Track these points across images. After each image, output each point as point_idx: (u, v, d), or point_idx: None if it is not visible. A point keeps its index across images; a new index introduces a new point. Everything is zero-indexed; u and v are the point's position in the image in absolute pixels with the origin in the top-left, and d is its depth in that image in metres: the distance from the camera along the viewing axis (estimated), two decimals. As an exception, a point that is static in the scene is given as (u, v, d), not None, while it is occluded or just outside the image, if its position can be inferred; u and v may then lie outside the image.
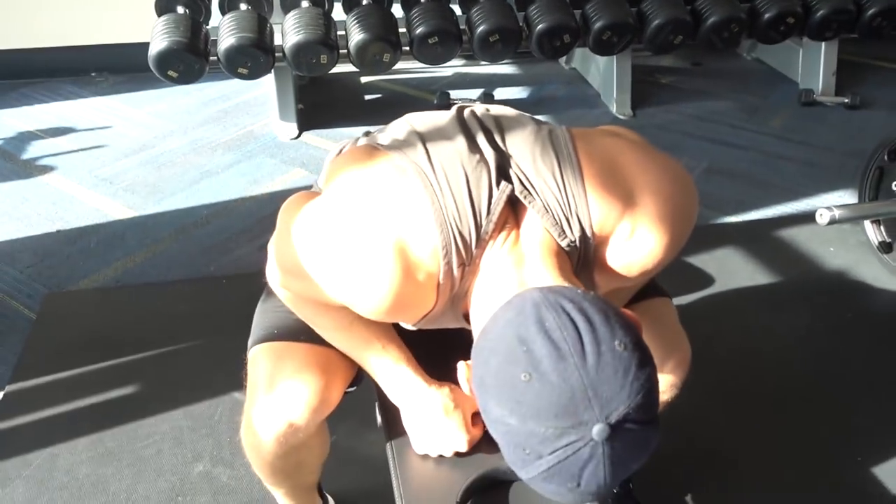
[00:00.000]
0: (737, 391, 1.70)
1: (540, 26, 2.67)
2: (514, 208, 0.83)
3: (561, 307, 0.70)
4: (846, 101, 3.02)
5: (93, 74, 3.29)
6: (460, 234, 0.80)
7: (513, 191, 0.82)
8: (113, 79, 3.27)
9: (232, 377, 1.66)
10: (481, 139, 0.86)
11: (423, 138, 0.87)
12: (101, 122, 2.93)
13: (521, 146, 0.86)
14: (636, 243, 0.84)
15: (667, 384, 1.05)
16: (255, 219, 2.34)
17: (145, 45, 2.59)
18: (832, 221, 1.93)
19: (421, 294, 0.82)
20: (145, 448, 1.56)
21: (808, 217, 2.30)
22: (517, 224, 0.83)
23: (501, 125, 0.89)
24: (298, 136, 2.82)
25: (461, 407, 0.98)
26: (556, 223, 0.81)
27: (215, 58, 2.59)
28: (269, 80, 2.91)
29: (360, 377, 1.09)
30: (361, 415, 1.18)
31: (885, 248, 2.10)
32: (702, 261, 2.13)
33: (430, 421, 0.97)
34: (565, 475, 0.67)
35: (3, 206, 2.39)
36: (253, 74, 2.62)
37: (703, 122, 2.94)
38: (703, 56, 3.47)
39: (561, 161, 0.84)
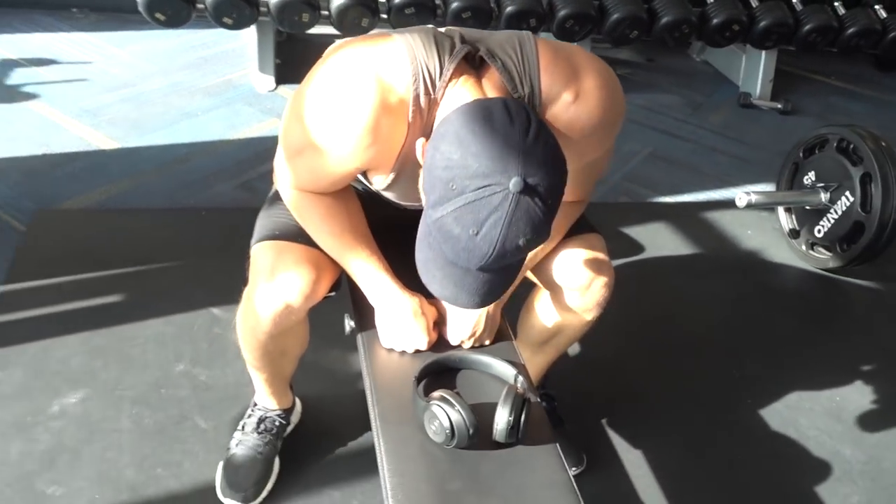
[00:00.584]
0: (653, 341, 1.97)
1: (509, 8, 2.88)
2: (477, 71, 1.03)
3: (520, 104, 0.94)
4: (780, 106, 3.33)
5: (73, 10, 3.37)
6: (427, 69, 1.00)
7: (476, 51, 1.03)
8: (94, 16, 3.35)
9: (210, 295, 1.88)
10: (456, 35, 1.06)
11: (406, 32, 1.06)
12: (82, 57, 3.03)
13: (490, 36, 1.08)
14: (579, 105, 1.05)
15: (594, 302, 1.28)
16: (232, 160, 2.50)
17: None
18: (749, 205, 2.22)
19: (394, 119, 1.01)
20: (132, 348, 1.74)
21: (733, 204, 2.59)
22: (478, 79, 1.03)
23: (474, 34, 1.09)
24: (275, 88, 2.98)
25: (426, 314, 1.20)
26: (511, 79, 1.02)
27: (202, 6, 2.73)
28: (248, 32, 3.06)
29: (338, 283, 1.30)
30: (330, 335, 1.39)
31: (793, 234, 2.40)
32: (635, 232, 2.40)
33: (400, 321, 1.19)
34: (472, 218, 0.87)
35: (-10, 126, 2.50)
36: (237, 25, 2.77)
37: (651, 113, 3.21)
38: (656, 53, 3.74)
39: (522, 44, 1.05)
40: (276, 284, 1.16)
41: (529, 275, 1.31)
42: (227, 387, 1.67)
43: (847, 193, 2.17)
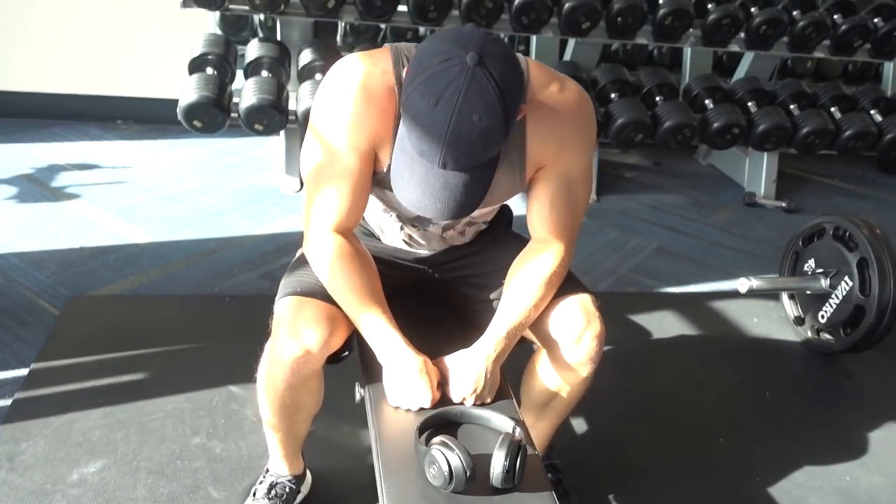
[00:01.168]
0: (661, 419, 2.00)
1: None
2: None
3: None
4: (784, 205, 3.45)
5: (118, 122, 3.65)
6: (407, 53, 1.22)
7: None
8: (136, 127, 3.63)
9: (229, 374, 1.97)
10: None
11: None
12: (123, 162, 3.27)
13: None
14: (564, 94, 1.26)
15: (587, 355, 1.34)
16: (257, 253, 2.64)
17: (167, 101, 2.97)
18: (750, 290, 2.30)
19: (381, 82, 1.21)
20: (151, 422, 1.81)
21: (738, 293, 2.66)
22: None
23: None
24: (300, 189, 3.17)
25: (430, 373, 1.28)
26: None
27: (236, 114, 2.96)
28: (276, 140, 3.31)
29: (351, 344, 1.38)
30: (341, 408, 1.47)
31: (798, 321, 2.45)
32: (642, 319, 2.46)
33: (405, 378, 1.26)
34: (432, 89, 1.04)
35: (34, 222, 2.69)
36: (267, 131, 2.99)
37: (657, 211, 3.34)
38: (663, 158, 3.92)
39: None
40: (296, 333, 1.25)
41: (528, 333, 1.38)
42: (241, 459, 1.72)
43: (846, 278, 2.23)
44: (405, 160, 1.13)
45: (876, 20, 3.46)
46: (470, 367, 1.28)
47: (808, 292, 2.34)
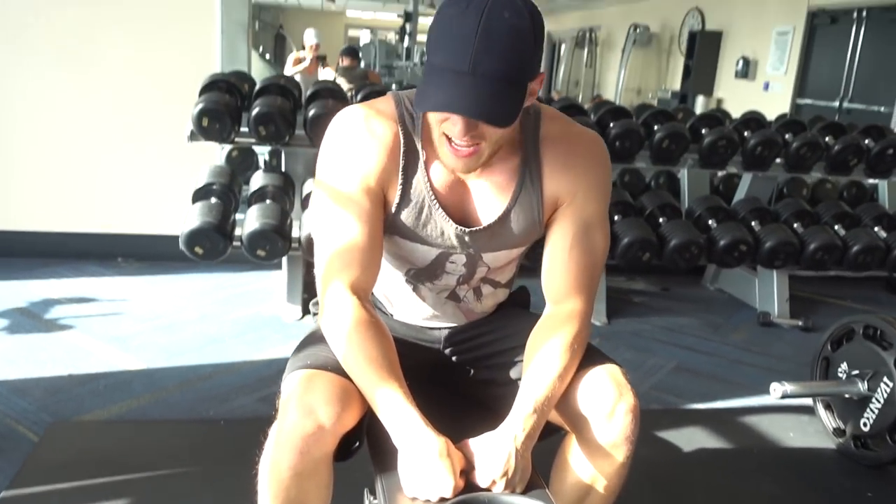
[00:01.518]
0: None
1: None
2: None
3: None
4: (800, 323, 3.34)
5: (119, 259, 3.62)
6: (408, 98, 1.24)
7: None
8: (137, 264, 3.59)
9: (223, 500, 1.77)
10: None
11: None
12: (121, 295, 3.19)
13: None
14: (578, 130, 1.29)
15: (622, 434, 1.19)
16: (255, 377, 2.50)
17: (168, 238, 2.95)
18: (784, 396, 2.14)
19: (381, 121, 1.22)
20: (132, 550, 1.60)
21: (769, 409, 2.50)
22: None
23: None
24: (302, 318, 3.07)
25: (452, 456, 1.13)
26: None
27: (238, 243, 2.93)
28: (276, 274, 3.26)
29: (361, 435, 1.23)
30: None
31: (838, 433, 2.27)
32: (670, 436, 2.29)
33: (424, 461, 1.09)
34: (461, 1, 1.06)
35: (22, 352, 2.56)
36: (270, 257, 2.94)
37: (671, 332, 3.22)
38: (671, 283, 3.86)
39: None
40: (308, 407, 1.11)
41: (555, 417, 1.24)
42: (233, 589, 1.50)
43: (885, 379, 2.09)
44: (431, 78, 1.09)
45: (867, 141, 3.54)
46: (498, 448, 1.13)
47: (847, 396, 2.18)
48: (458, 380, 1.43)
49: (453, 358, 1.42)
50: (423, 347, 1.42)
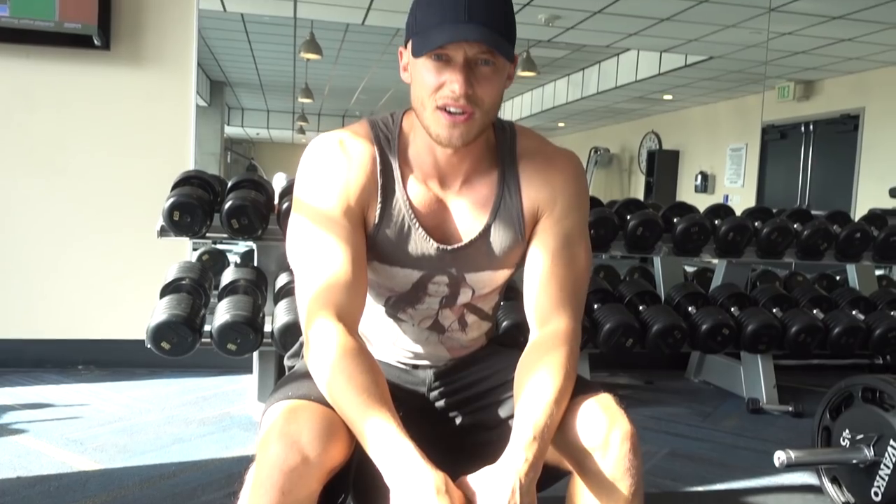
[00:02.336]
0: None
1: (506, 322, 2.99)
2: None
3: None
4: (791, 409, 3.25)
5: (79, 367, 3.43)
6: (382, 121, 1.27)
7: None
8: (98, 371, 3.40)
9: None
10: None
11: None
12: (79, 400, 2.99)
13: None
14: (554, 147, 1.31)
15: (621, 466, 1.10)
16: (224, 474, 2.31)
17: (131, 343, 2.83)
18: (789, 464, 2.04)
19: (356, 140, 1.24)
20: None
21: (774, 488, 2.37)
22: None
23: None
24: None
25: (451, 493, 1.01)
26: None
27: (208, 339, 2.80)
28: (245, 378, 3.12)
29: (348, 483, 1.11)
30: None
31: (849, 506, 2.14)
32: (673, 517, 2.13)
33: (420, 500, 0.98)
34: None
35: (-34, 456, 2.35)
36: (241, 351, 2.80)
37: (660, 421, 3.10)
38: (654, 377, 3.77)
39: None
40: (291, 437, 1.01)
41: (555, 456, 1.15)
42: None
43: (892, 442, 2.00)
44: (428, 30, 1.12)
45: (834, 226, 3.61)
46: (501, 483, 1.02)
47: (853, 462, 2.07)
48: (447, 429, 1.34)
49: (439, 403, 1.33)
50: (407, 391, 1.33)
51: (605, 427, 1.11)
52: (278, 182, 6.93)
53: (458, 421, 1.34)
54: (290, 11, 5.91)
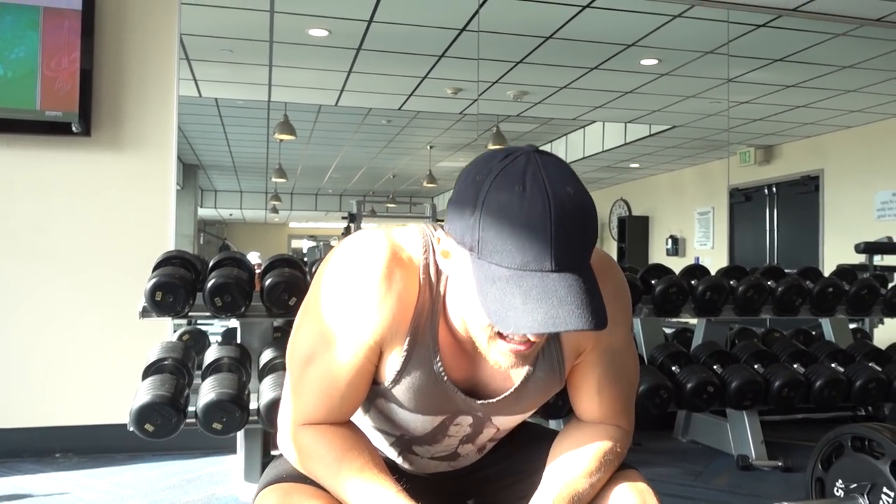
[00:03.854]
0: None
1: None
2: None
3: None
4: (780, 463, 3.26)
5: (57, 455, 3.33)
6: (435, 241, 1.05)
7: None
8: (77, 459, 3.31)
9: None
10: None
11: None
12: (59, 489, 2.90)
13: None
14: (597, 263, 0.98)
15: None
16: (213, 558, 2.24)
17: (112, 427, 2.77)
18: (788, 515, 2.03)
19: (406, 272, 1.03)
20: None
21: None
22: None
23: None
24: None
25: None
26: None
27: (192, 419, 2.75)
28: (230, 458, 3.05)
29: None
30: None
31: (849, 558, 2.13)
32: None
33: None
34: (510, 180, 0.90)
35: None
36: (227, 430, 2.75)
37: (653, 483, 3.03)
38: (642, 438, 3.75)
39: None
40: None
41: None
42: None
43: (885, 490, 2.01)
44: (507, 285, 0.89)
45: (807, 282, 3.70)
46: None
47: (850, 511, 2.08)
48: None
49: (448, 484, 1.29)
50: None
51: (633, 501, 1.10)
52: (252, 261, 6.96)
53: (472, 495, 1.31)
54: (265, 95, 6.05)
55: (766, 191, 7.76)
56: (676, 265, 3.65)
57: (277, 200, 10.40)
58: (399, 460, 1.23)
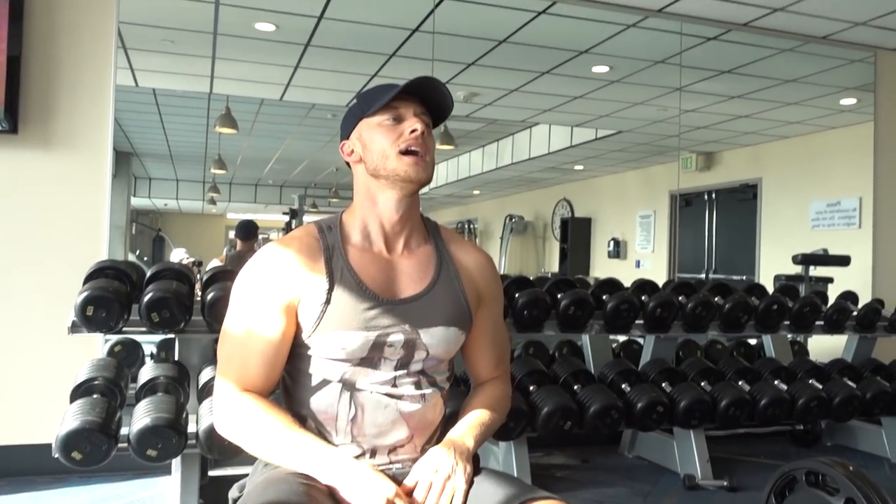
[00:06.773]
0: None
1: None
2: None
3: None
4: (725, 483, 3.28)
5: (-28, 479, 3.10)
6: (326, 220, 1.39)
7: None
8: (-4, 481, 3.09)
9: None
10: None
11: None
12: (-25, 519, 2.69)
13: None
14: (477, 247, 1.54)
15: None
16: None
17: (33, 448, 2.58)
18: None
19: (300, 238, 1.36)
20: None
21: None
22: None
23: None
24: (199, 523, 2.69)
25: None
26: None
27: (125, 443, 2.58)
28: (164, 480, 2.89)
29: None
30: None
31: (801, 593, 2.13)
32: None
33: (362, 477, 1.23)
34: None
35: None
36: (161, 457, 2.59)
37: (602, 505, 3.06)
38: (589, 455, 3.75)
39: None
40: None
41: None
42: None
43: (839, 527, 2.02)
44: (376, 103, 1.36)
45: (753, 299, 3.74)
46: (428, 457, 1.30)
47: (805, 550, 2.08)
48: None
49: None
50: None
51: None
52: (176, 257, 6.69)
53: None
54: (207, 88, 5.80)
55: (706, 196, 7.89)
56: (618, 267, 3.65)
57: (216, 192, 10.07)
58: (351, 414, 1.34)
